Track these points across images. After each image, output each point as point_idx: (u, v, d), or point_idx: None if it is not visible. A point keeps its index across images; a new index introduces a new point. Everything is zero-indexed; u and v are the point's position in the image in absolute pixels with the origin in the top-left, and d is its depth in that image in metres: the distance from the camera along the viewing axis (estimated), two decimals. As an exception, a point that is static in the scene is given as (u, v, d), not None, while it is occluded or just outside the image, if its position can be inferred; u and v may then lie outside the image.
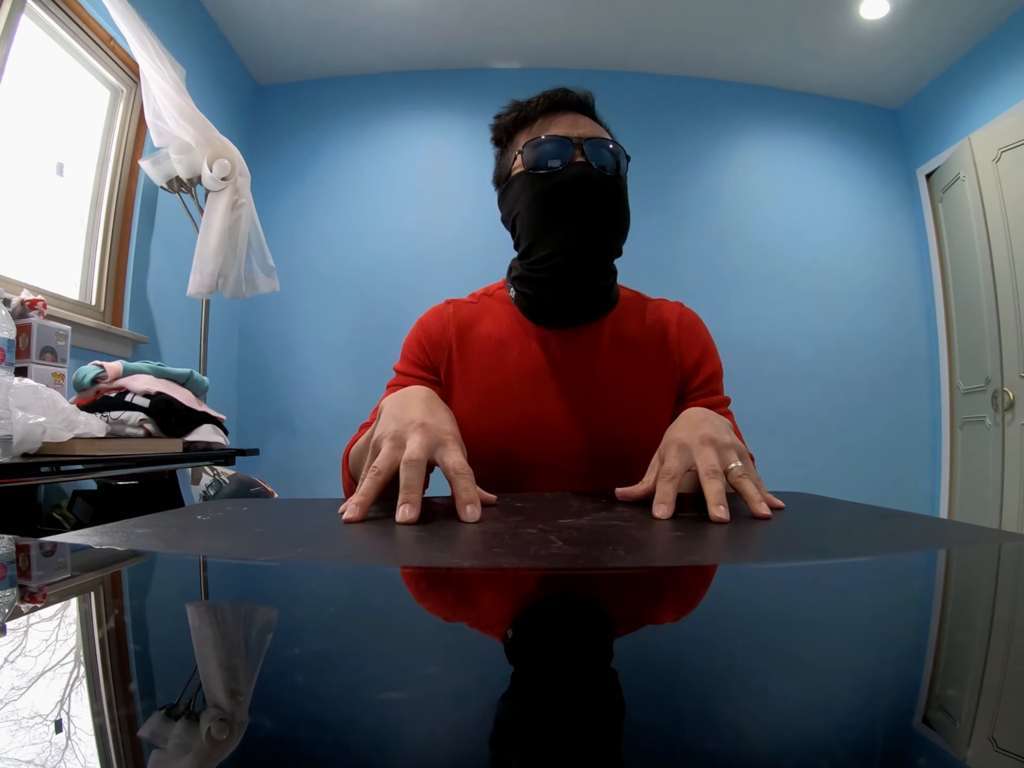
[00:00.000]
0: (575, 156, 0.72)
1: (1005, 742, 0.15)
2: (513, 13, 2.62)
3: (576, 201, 0.72)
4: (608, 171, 0.74)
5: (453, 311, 0.85)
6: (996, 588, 0.33)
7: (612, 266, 0.79)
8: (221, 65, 2.69)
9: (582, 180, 0.72)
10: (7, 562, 0.37)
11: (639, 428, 0.78)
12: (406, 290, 2.85)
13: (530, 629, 0.25)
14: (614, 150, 0.75)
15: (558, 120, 0.76)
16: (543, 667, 0.20)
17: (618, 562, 0.33)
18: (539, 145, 0.74)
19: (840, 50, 2.75)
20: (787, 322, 2.94)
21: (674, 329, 0.83)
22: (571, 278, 0.75)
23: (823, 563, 0.36)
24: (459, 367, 0.82)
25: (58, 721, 0.15)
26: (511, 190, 0.77)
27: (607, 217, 0.74)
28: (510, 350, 0.80)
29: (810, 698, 0.18)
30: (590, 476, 0.78)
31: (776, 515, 0.49)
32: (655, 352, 0.82)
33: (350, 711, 0.17)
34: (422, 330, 0.85)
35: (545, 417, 0.78)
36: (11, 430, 0.97)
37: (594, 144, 0.73)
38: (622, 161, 0.75)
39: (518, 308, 0.82)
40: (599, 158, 0.73)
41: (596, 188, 0.72)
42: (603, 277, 0.77)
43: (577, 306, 0.78)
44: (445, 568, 0.33)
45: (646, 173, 2.88)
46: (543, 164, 0.73)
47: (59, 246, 1.90)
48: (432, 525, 0.45)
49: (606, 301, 0.81)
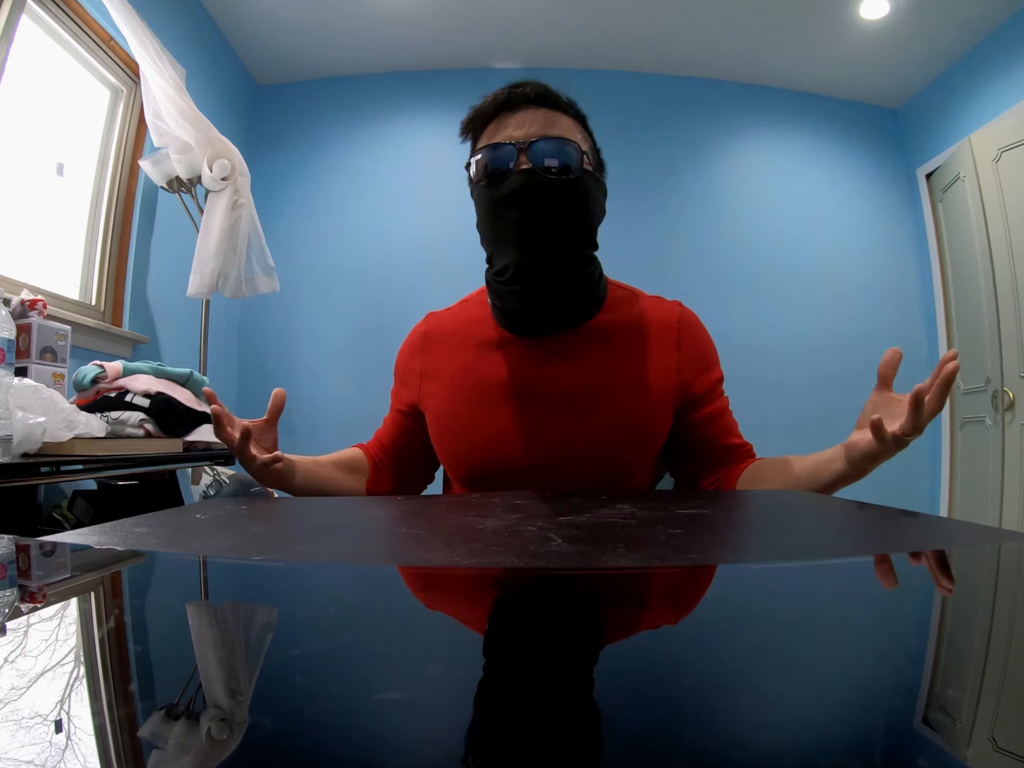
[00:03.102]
0: (520, 162, 0.69)
1: (1005, 742, 0.15)
2: (513, 13, 2.61)
3: (522, 213, 0.68)
4: (573, 169, 0.69)
5: (425, 328, 0.84)
6: (996, 588, 0.32)
7: (586, 269, 0.74)
8: (221, 65, 2.69)
9: (525, 189, 0.68)
10: (7, 562, 0.37)
11: (631, 429, 0.74)
12: (406, 290, 2.85)
13: (530, 629, 0.25)
14: (571, 147, 0.70)
15: (508, 121, 0.72)
16: (543, 667, 0.20)
17: (618, 560, 0.33)
18: (482, 155, 0.71)
19: (840, 50, 2.75)
20: (787, 322, 2.93)
21: (673, 332, 0.78)
22: (530, 290, 0.71)
23: (823, 563, 0.36)
24: (435, 383, 0.80)
25: (58, 721, 0.15)
26: (474, 201, 0.76)
27: (560, 221, 0.69)
28: (484, 362, 0.77)
29: (810, 698, 0.18)
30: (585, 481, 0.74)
31: (776, 515, 0.49)
32: (650, 353, 0.77)
33: (350, 711, 0.17)
34: (399, 361, 0.86)
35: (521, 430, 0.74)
36: (11, 430, 0.97)
37: (546, 143, 0.69)
38: (582, 156, 0.71)
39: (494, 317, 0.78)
40: (548, 157, 0.69)
41: (542, 194, 0.68)
42: (569, 285, 0.72)
43: (548, 316, 0.74)
44: (444, 567, 0.33)
45: (645, 173, 2.88)
46: (488, 175, 0.71)
47: (59, 246, 1.90)
48: (432, 525, 0.45)
49: (586, 304, 0.75)
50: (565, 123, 0.73)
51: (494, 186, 0.70)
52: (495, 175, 0.70)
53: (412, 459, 0.86)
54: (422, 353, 0.83)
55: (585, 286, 0.75)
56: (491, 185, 0.71)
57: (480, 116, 0.74)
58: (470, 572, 0.33)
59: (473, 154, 0.74)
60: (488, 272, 0.77)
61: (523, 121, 0.71)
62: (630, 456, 0.75)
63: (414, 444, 0.84)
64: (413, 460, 0.86)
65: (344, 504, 0.62)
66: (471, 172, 0.74)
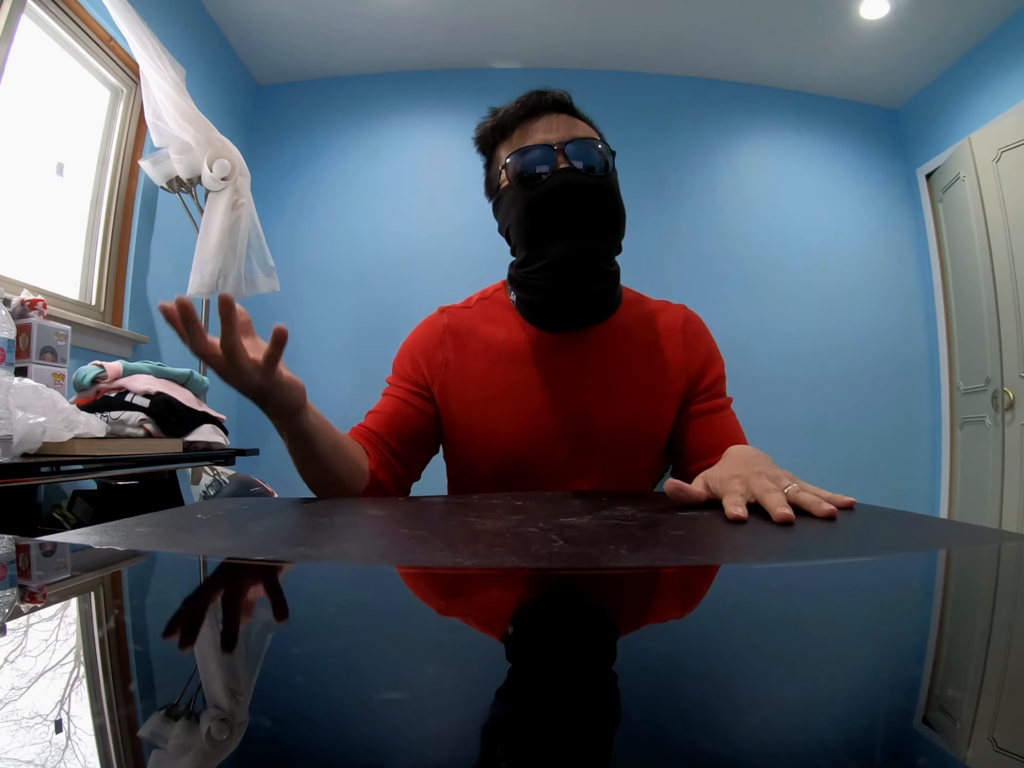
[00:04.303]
0: (559, 162, 0.72)
1: (1005, 742, 0.15)
2: (513, 13, 2.61)
3: (566, 209, 0.71)
4: (596, 170, 0.73)
5: (447, 321, 0.84)
6: (996, 588, 0.32)
7: (613, 267, 0.78)
8: (221, 65, 2.69)
9: (569, 186, 0.71)
10: (7, 562, 0.37)
11: (642, 428, 0.79)
12: (406, 290, 2.85)
13: (530, 629, 0.25)
14: (599, 147, 0.74)
15: (536, 125, 0.74)
16: (543, 667, 0.20)
17: (619, 562, 0.33)
18: (521, 156, 0.73)
19: (840, 50, 2.75)
20: (787, 322, 2.93)
21: (679, 333, 0.82)
22: (570, 285, 0.74)
23: (823, 563, 0.36)
24: (457, 378, 0.80)
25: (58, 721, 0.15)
26: (502, 203, 0.77)
27: (600, 219, 0.73)
28: (512, 356, 0.79)
29: (811, 698, 0.18)
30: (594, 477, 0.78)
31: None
32: (660, 354, 0.81)
33: (350, 711, 0.17)
34: (416, 344, 0.84)
35: (550, 421, 0.77)
36: (11, 430, 0.97)
37: (576, 145, 0.72)
38: (608, 157, 0.74)
39: (519, 312, 0.81)
40: (584, 158, 0.72)
41: (585, 191, 0.71)
42: (603, 280, 0.76)
43: (579, 310, 0.77)
44: (445, 568, 0.33)
45: (645, 173, 2.88)
46: (528, 175, 0.73)
47: (59, 246, 1.90)
48: (432, 525, 0.45)
49: (609, 303, 0.80)
50: (586, 128, 0.76)
51: (533, 186, 0.72)
52: (533, 177, 0.72)
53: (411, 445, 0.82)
54: (446, 346, 0.82)
55: (614, 282, 0.79)
56: (529, 185, 0.72)
57: (505, 123, 0.76)
58: (472, 573, 0.33)
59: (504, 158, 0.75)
60: (516, 269, 0.79)
61: (553, 125, 0.74)
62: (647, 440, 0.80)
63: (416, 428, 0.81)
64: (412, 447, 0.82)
65: (345, 505, 0.62)
66: (506, 174, 0.75)
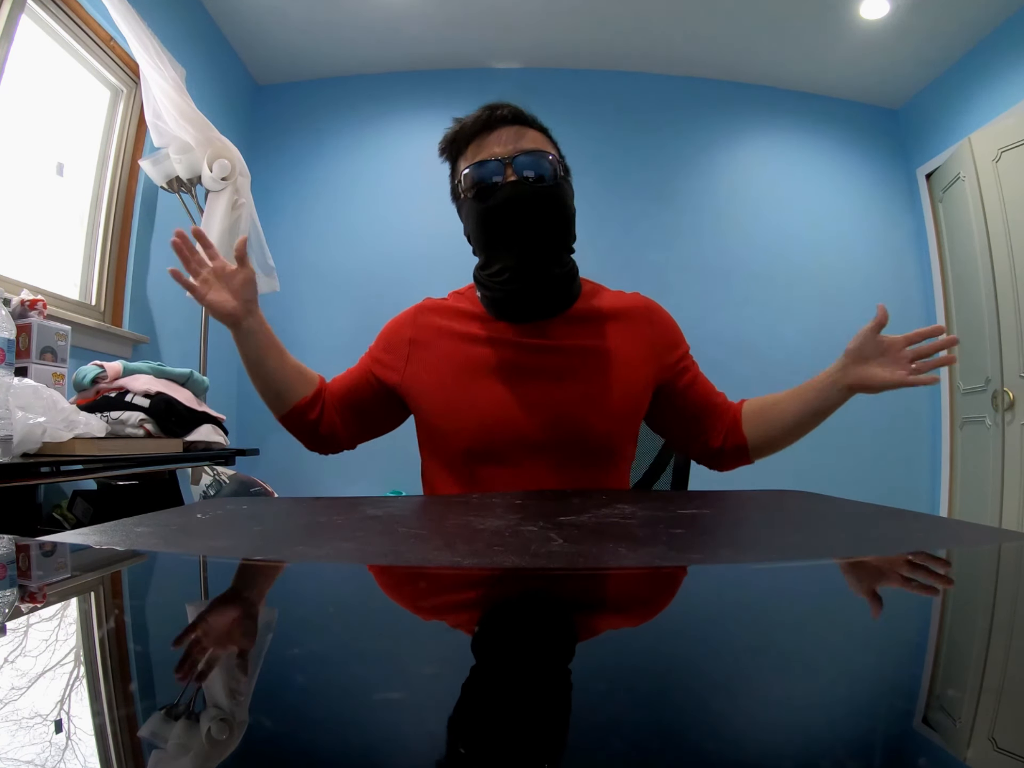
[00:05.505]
0: (507, 175, 0.78)
1: (1005, 742, 0.15)
2: (513, 13, 2.61)
3: (514, 219, 0.77)
4: (546, 178, 0.78)
5: (417, 310, 0.91)
6: (996, 588, 0.32)
7: (566, 266, 0.84)
8: (221, 65, 2.69)
9: (515, 199, 0.77)
10: (7, 562, 0.37)
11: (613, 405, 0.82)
12: (406, 289, 2.82)
13: (531, 629, 0.25)
14: (548, 158, 0.79)
15: (489, 139, 0.80)
16: (543, 667, 0.20)
17: (619, 561, 0.33)
18: (473, 170, 0.80)
19: (840, 50, 2.75)
20: (786, 323, 2.93)
21: (645, 312, 0.89)
22: (523, 286, 0.81)
23: (824, 563, 0.36)
24: (422, 362, 0.86)
25: (58, 721, 0.15)
26: (462, 211, 0.85)
27: (547, 225, 0.79)
28: (475, 343, 0.84)
29: (811, 698, 0.18)
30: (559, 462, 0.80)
31: (776, 514, 0.49)
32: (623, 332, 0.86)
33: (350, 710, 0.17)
34: (386, 329, 0.92)
35: (512, 406, 0.81)
36: (11, 430, 0.97)
37: (524, 158, 0.78)
38: (557, 165, 0.80)
39: (485, 308, 0.86)
40: (534, 168, 0.78)
41: (530, 201, 0.77)
42: (556, 277, 0.82)
43: (536, 304, 0.83)
44: (445, 567, 0.33)
45: (645, 173, 2.87)
46: (480, 188, 0.79)
47: (59, 246, 1.90)
48: (432, 525, 0.45)
49: (567, 295, 0.85)
50: (537, 137, 0.82)
51: (485, 198, 0.78)
52: (485, 188, 0.78)
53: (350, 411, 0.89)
54: (414, 324, 0.89)
55: (567, 278, 0.85)
56: (481, 197, 0.79)
57: (460, 137, 0.83)
58: (471, 572, 0.33)
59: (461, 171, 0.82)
60: (479, 271, 0.86)
61: (500, 139, 0.80)
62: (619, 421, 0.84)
63: (362, 398, 0.88)
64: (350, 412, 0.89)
65: (345, 505, 0.62)
66: (460, 187, 0.82)
